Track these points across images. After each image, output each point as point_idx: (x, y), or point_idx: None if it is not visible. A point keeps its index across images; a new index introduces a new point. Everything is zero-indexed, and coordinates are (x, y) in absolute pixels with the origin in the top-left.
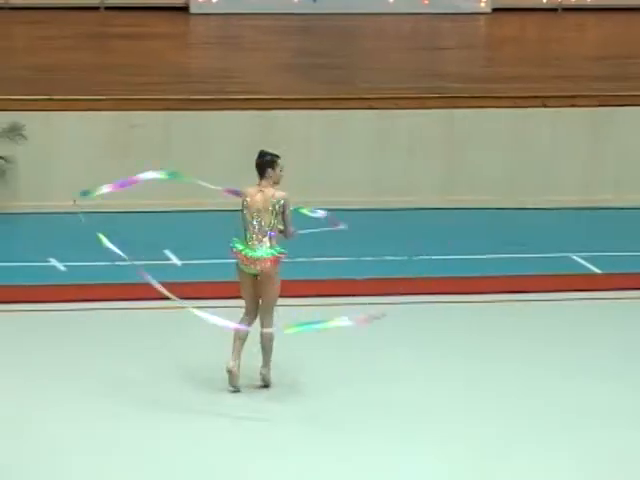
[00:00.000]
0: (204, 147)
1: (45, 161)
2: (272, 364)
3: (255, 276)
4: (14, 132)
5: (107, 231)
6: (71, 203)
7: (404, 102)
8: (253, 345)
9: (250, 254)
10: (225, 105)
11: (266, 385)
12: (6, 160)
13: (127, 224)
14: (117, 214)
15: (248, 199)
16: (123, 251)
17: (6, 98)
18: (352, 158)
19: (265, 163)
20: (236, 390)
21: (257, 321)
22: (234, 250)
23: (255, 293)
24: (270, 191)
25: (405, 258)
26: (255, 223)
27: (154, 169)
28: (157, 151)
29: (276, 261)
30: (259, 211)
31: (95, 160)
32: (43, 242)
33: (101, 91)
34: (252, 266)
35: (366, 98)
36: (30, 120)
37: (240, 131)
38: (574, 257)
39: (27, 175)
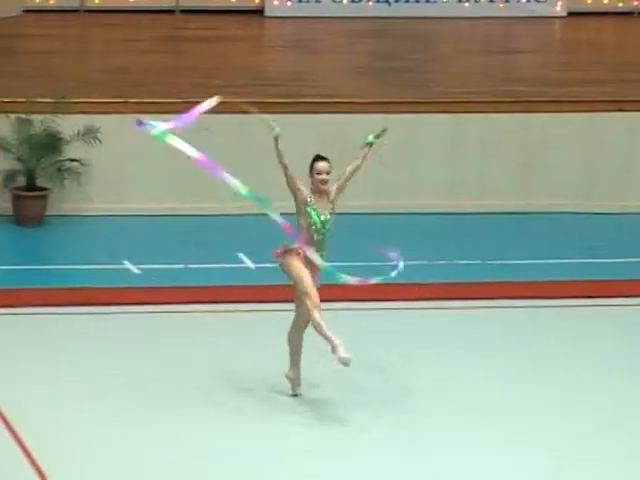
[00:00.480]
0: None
1: (119, 164)
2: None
3: None
4: (89, 135)
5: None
6: None
7: (478, 106)
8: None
9: None
10: (300, 108)
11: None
12: (81, 163)
13: (201, 226)
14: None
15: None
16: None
17: (82, 101)
18: (426, 162)
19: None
20: (295, 395)
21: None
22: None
23: None
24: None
25: (479, 262)
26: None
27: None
28: (232, 154)
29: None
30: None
31: (169, 164)
32: (117, 245)
33: (176, 94)
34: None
35: (441, 102)
36: (105, 123)
37: (315, 134)
38: None
39: (102, 178)
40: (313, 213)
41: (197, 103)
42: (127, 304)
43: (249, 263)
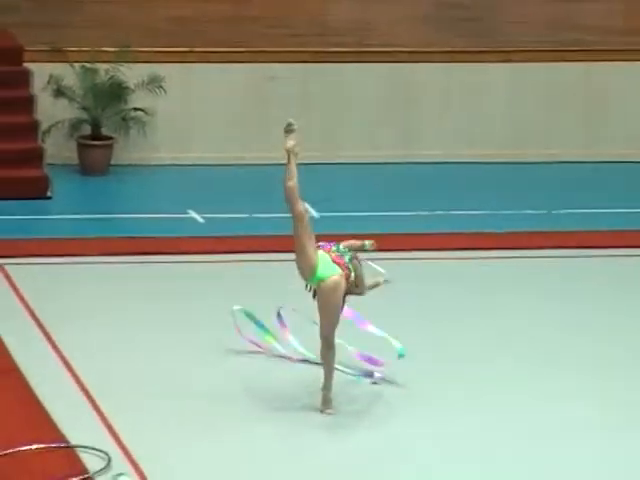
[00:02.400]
0: (342, 100)
1: (184, 113)
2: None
3: None
4: (154, 84)
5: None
6: None
7: (542, 55)
8: None
9: None
10: (363, 58)
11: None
12: (146, 112)
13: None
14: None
15: None
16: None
17: (146, 50)
18: (490, 111)
19: None
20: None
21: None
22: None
23: None
24: None
25: (545, 212)
26: None
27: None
28: (295, 103)
29: None
30: None
31: (234, 112)
32: (182, 194)
33: (240, 43)
34: None
35: (504, 51)
36: (170, 72)
37: (378, 84)
38: None
39: (167, 127)
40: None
41: (261, 52)
42: (191, 253)
43: (313, 212)
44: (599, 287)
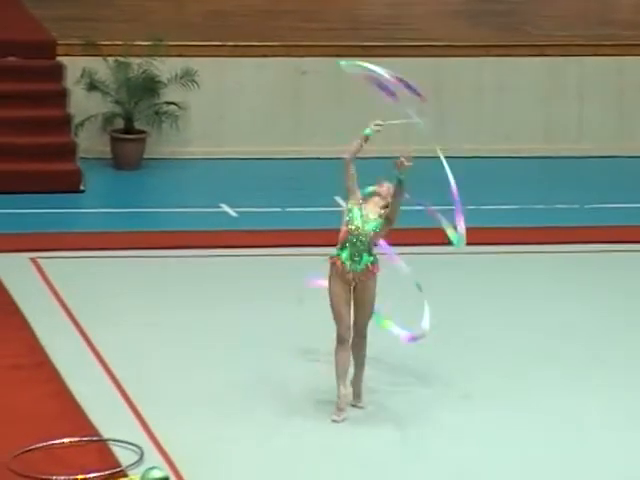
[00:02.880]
0: (374, 95)
1: (217, 107)
2: None
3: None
4: (186, 78)
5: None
6: None
7: (576, 49)
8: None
9: None
10: (395, 52)
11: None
12: (179, 106)
13: (297, 169)
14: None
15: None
16: None
17: (179, 44)
18: (523, 105)
19: None
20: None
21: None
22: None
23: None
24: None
25: (577, 206)
26: None
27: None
28: (328, 98)
29: None
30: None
31: (266, 107)
32: (214, 188)
33: (272, 37)
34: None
35: (537, 45)
36: (203, 66)
37: (411, 78)
38: None
39: (199, 121)
40: (357, 214)
41: (293, 46)
42: (224, 247)
43: (345, 206)
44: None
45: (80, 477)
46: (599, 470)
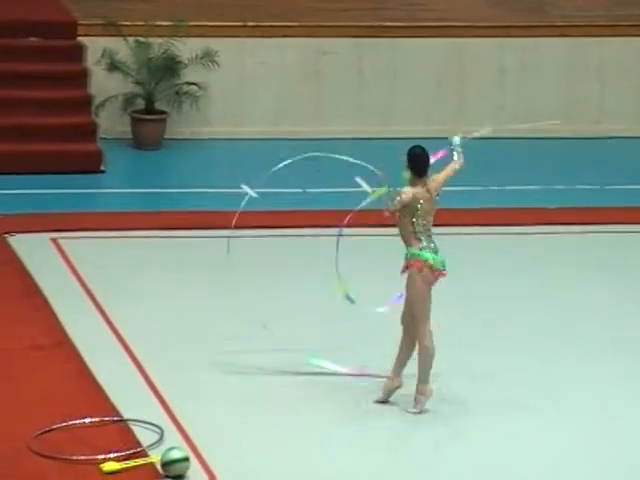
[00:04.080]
0: (395, 75)
1: (237, 87)
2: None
3: None
4: (207, 58)
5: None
6: None
7: (596, 30)
8: None
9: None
10: (416, 32)
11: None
12: (199, 86)
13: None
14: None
15: (421, 202)
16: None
17: (200, 24)
18: (544, 86)
19: (428, 156)
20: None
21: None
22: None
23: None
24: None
25: (598, 187)
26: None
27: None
28: (348, 79)
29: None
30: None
31: (287, 87)
32: (235, 168)
33: (293, 18)
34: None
35: (558, 26)
36: (223, 47)
37: (431, 59)
38: None
39: (220, 101)
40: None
41: (314, 27)
42: (244, 227)
43: (366, 187)
44: None
45: (100, 457)
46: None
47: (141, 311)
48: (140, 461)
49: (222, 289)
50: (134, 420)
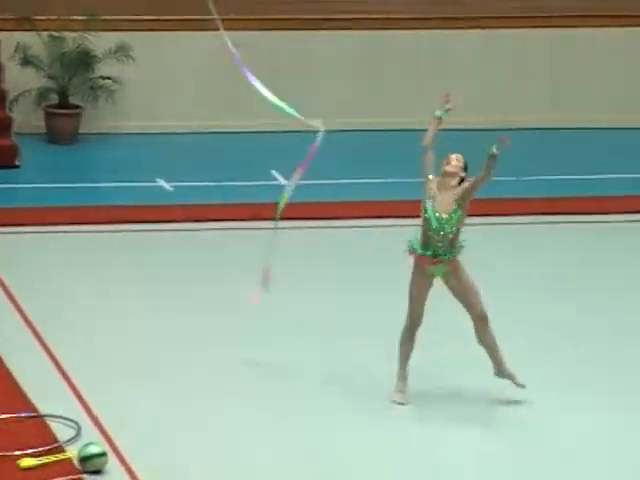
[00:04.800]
0: (310, 68)
1: (153, 82)
2: None
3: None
4: (121, 53)
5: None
6: None
7: (511, 21)
8: None
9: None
10: (334, 25)
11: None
12: (114, 80)
13: (234, 143)
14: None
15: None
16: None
17: (114, 18)
18: (459, 78)
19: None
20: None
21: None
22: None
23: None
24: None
25: (514, 178)
26: None
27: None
28: (265, 72)
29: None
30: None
31: (202, 80)
32: (150, 163)
33: (207, 11)
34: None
35: (473, 17)
36: (138, 41)
37: (348, 52)
38: None
39: (135, 96)
40: (429, 208)
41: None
42: (160, 222)
43: (282, 180)
44: None
45: (17, 453)
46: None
47: (59, 307)
48: (57, 456)
49: (139, 281)
50: (51, 416)
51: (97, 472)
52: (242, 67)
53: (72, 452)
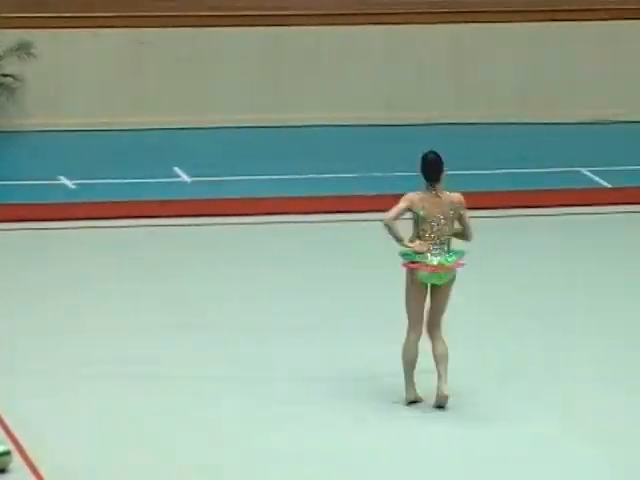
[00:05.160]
0: (213, 64)
1: (54, 79)
2: None
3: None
4: (23, 50)
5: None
6: None
7: (415, 17)
8: None
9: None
10: (239, 22)
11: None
12: (15, 78)
13: (136, 140)
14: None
15: (423, 211)
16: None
17: (15, 16)
18: (363, 74)
19: (442, 163)
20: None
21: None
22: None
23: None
24: (447, 195)
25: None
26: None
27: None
28: (167, 69)
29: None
30: (438, 219)
31: (104, 78)
32: (52, 160)
33: (110, 8)
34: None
35: (377, 13)
36: (39, 38)
37: (249, 49)
38: (584, 171)
39: (37, 93)
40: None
41: (131, 17)
42: (62, 220)
43: (185, 177)
44: None
45: None
46: None
47: None
48: None
49: (39, 281)
50: None
51: (1, 471)
52: None
53: None
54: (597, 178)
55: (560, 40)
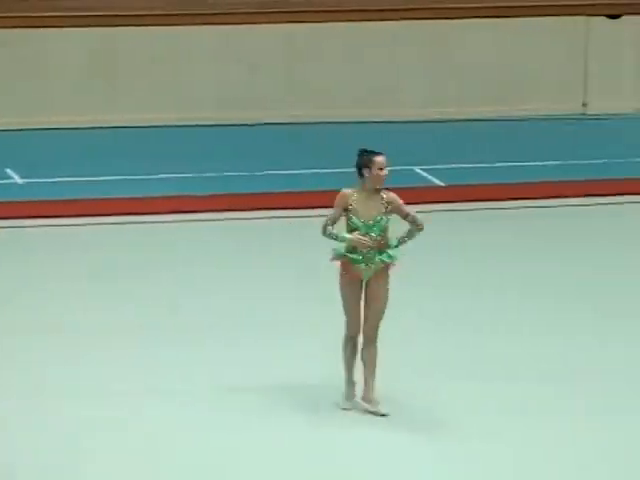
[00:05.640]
0: (45, 67)
1: None
2: None
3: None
4: None
5: None
6: None
7: (246, 17)
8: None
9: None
10: (65, 22)
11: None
12: None
13: None
14: None
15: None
16: None
17: None
18: (195, 75)
19: (359, 163)
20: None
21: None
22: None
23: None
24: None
25: (247, 173)
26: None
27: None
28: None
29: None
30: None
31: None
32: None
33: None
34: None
35: (210, 14)
36: None
37: (79, 50)
38: (417, 170)
39: None
40: (355, 219)
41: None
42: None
43: (17, 178)
44: None
45: None
46: None
47: None
48: None
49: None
50: None
51: None
52: None
53: None
54: (430, 176)
55: (389, 40)
